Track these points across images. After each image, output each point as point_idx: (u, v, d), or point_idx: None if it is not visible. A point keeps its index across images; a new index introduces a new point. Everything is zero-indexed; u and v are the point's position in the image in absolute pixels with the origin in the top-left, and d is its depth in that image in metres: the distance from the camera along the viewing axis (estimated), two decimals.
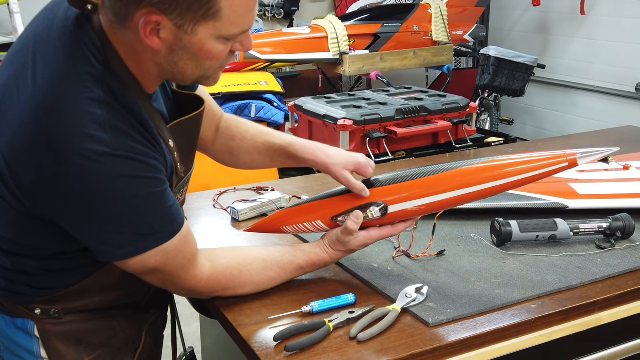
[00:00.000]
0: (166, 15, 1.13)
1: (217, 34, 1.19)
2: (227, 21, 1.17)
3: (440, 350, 1.30)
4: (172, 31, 1.16)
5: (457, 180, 1.43)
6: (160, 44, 1.18)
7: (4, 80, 1.24)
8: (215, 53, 1.22)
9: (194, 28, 1.16)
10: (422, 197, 1.45)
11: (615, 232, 1.71)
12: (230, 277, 1.41)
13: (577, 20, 5.91)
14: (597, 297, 1.47)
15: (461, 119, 3.95)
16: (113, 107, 1.17)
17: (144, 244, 1.23)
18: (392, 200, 1.47)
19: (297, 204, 1.60)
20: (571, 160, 1.38)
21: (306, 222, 1.55)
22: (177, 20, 1.14)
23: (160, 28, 1.15)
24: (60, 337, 1.36)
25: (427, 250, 1.66)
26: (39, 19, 1.28)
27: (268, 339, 1.31)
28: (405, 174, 1.48)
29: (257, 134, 1.71)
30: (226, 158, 1.75)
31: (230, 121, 1.71)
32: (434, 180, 1.44)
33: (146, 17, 1.13)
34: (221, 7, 1.15)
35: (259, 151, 1.70)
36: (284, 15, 6.43)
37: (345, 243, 1.50)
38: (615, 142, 2.64)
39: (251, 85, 4.84)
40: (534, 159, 1.41)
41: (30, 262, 1.30)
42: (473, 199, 1.45)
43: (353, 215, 1.48)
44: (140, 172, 1.19)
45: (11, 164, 1.18)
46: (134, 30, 1.16)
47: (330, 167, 1.56)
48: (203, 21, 1.16)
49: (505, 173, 1.41)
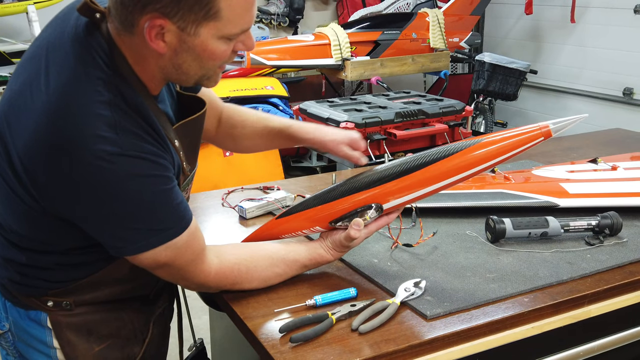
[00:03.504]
0: (169, 18, 1.14)
1: (219, 34, 1.19)
2: (227, 21, 1.18)
3: (438, 342, 1.30)
4: (175, 34, 1.17)
5: (443, 169, 1.39)
6: (165, 47, 1.18)
7: (18, 86, 1.24)
8: (218, 53, 1.22)
9: (196, 29, 1.17)
10: (412, 192, 1.43)
11: (604, 229, 1.71)
12: (238, 273, 1.41)
13: (568, 28, 5.90)
14: (586, 291, 1.47)
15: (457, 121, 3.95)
16: (122, 109, 1.18)
17: (155, 239, 1.23)
18: (385, 200, 1.45)
19: (293, 210, 1.55)
20: (545, 133, 1.36)
21: (305, 229, 1.54)
22: (180, 22, 1.15)
23: (164, 32, 1.16)
24: (72, 328, 1.37)
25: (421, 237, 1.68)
26: (51, 27, 1.29)
27: (274, 331, 1.31)
28: (392, 170, 1.44)
29: (257, 119, 1.75)
30: (228, 144, 1.79)
31: (231, 110, 1.75)
32: (421, 174, 1.40)
33: (150, 21, 1.14)
34: (220, 7, 1.15)
35: (260, 135, 1.74)
36: (289, 24, 6.42)
37: (348, 246, 1.50)
38: (603, 143, 2.64)
39: (258, 89, 4.84)
40: (512, 135, 1.38)
41: (44, 257, 1.31)
42: (460, 181, 1.42)
43: (354, 224, 1.45)
44: (150, 171, 1.19)
45: (27, 164, 1.18)
46: (140, 35, 1.16)
47: (328, 143, 1.58)
48: (204, 22, 1.16)
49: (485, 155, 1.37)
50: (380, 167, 1.47)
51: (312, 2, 6.64)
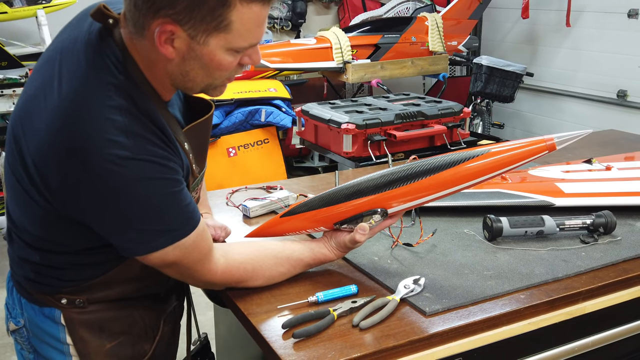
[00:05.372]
0: (180, 25, 1.13)
1: (227, 46, 1.19)
2: (237, 34, 1.17)
3: (436, 337, 1.30)
4: (185, 41, 1.16)
5: (449, 177, 1.38)
6: (174, 52, 1.18)
7: (33, 90, 1.24)
8: (224, 64, 1.21)
9: (206, 39, 1.16)
10: (417, 197, 1.42)
11: (598, 227, 1.71)
12: (244, 271, 1.41)
13: (563, 31, 5.89)
14: (581, 288, 1.47)
15: (455, 123, 3.93)
16: (133, 114, 1.17)
17: (164, 240, 1.23)
18: (390, 205, 1.44)
19: (297, 210, 1.54)
20: (550, 146, 1.37)
21: (309, 229, 1.54)
22: (191, 30, 1.14)
23: (174, 37, 1.15)
24: (85, 325, 1.37)
25: (421, 237, 1.68)
26: (66, 32, 1.28)
27: (277, 327, 1.31)
28: (398, 176, 1.42)
29: None
30: None
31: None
32: (428, 182, 1.39)
33: (161, 26, 1.13)
34: (232, 21, 1.15)
35: None
36: (292, 27, 6.43)
37: (351, 248, 1.51)
38: (598, 144, 2.64)
39: (261, 91, 4.84)
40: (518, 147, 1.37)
41: (57, 257, 1.31)
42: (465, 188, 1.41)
43: (360, 229, 1.45)
44: (159, 174, 1.19)
45: (40, 167, 1.18)
46: (150, 39, 1.16)
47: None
48: (215, 33, 1.16)
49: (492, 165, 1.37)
50: (386, 172, 1.45)
51: (314, 7, 6.64)
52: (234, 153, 4.77)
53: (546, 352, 1.48)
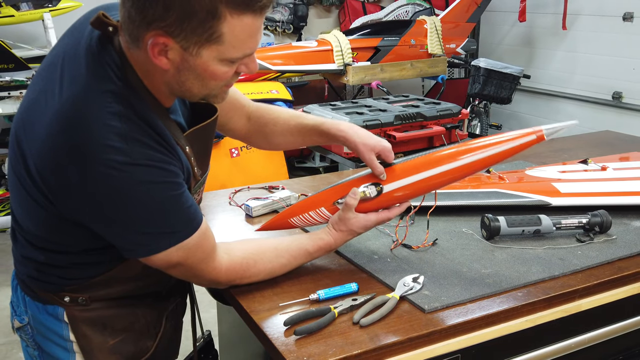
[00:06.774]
0: (172, 37, 1.12)
1: (221, 57, 1.17)
2: (230, 45, 1.16)
3: (435, 334, 1.30)
4: (178, 52, 1.15)
5: (443, 159, 1.45)
6: (168, 64, 1.17)
7: (35, 93, 1.24)
8: (219, 74, 1.20)
9: (199, 51, 1.15)
10: (411, 175, 1.48)
11: (594, 227, 1.71)
12: (247, 266, 1.41)
13: (559, 34, 5.89)
14: (577, 286, 1.47)
15: (454, 124, 3.94)
16: (132, 120, 1.17)
17: (166, 242, 1.23)
18: (386, 180, 1.50)
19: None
20: (539, 136, 1.43)
21: (311, 211, 1.56)
22: (183, 42, 1.13)
23: (167, 49, 1.14)
24: (87, 322, 1.37)
25: (425, 242, 1.67)
26: (67, 37, 1.28)
27: (279, 324, 1.31)
28: (398, 160, 1.53)
29: (289, 117, 1.71)
30: (260, 141, 1.76)
31: (261, 109, 1.72)
32: (422, 161, 1.48)
33: (154, 38, 1.12)
34: (223, 32, 1.13)
35: (292, 132, 1.71)
36: (293, 30, 6.42)
37: (346, 221, 1.50)
38: (593, 145, 2.64)
39: (263, 93, 4.84)
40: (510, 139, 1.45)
41: (61, 257, 1.31)
42: (457, 174, 1.46)
43: (351, 193, 1.49)
44: (159, 178, 1.19)
45: (41, 170, 1.18)
46: (145, 50, 1.15)
47: (360, 145, 1.55)
48: (207, 44, 1.14)
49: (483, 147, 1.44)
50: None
51: (316, 10, 6.64)
52: (237, 153, 4.77)
53: (543, 348, 1.48)
